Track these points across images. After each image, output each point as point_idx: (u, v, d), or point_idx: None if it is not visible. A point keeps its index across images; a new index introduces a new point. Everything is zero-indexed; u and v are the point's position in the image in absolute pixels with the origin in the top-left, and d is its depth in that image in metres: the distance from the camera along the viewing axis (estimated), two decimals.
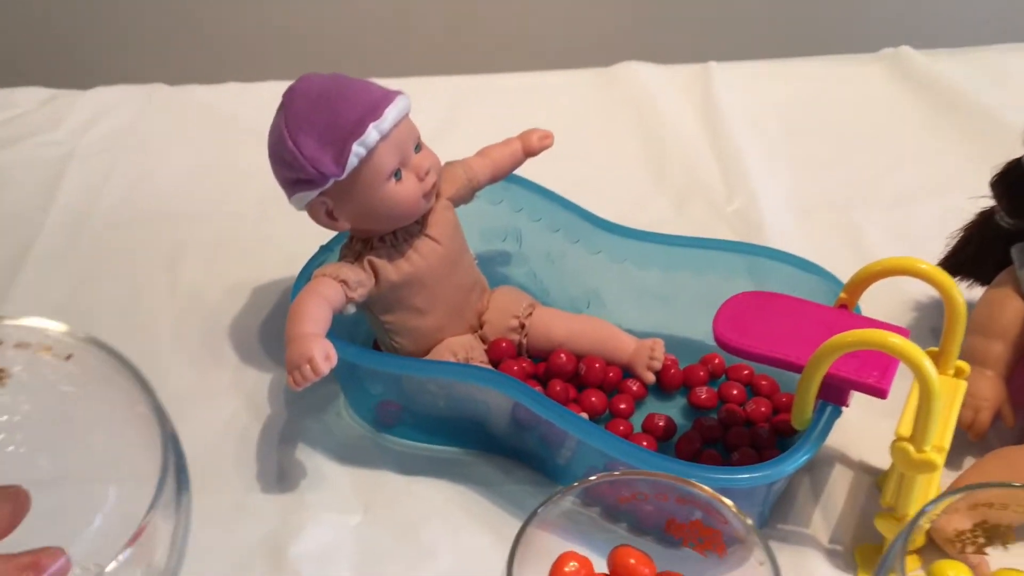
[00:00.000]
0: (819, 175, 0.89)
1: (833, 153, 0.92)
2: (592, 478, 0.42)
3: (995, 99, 0.96)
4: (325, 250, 0.67)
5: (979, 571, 0.42)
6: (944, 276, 0.54)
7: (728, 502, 0.42)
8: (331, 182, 0.59)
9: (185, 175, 0.93)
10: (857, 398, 0.61)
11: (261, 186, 0.84)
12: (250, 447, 0.65)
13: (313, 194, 0.60)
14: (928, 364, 0.48)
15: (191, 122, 1.00)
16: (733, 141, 0.93)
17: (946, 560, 0.42)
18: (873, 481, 0.61)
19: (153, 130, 0.99)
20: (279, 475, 0.63)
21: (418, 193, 0.61)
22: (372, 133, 0.58)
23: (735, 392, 0.66)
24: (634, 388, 0.67)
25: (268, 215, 0.85)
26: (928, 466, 0.50)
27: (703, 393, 0.66)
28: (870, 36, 1.10)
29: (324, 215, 0.62)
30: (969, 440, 0.61)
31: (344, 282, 0.60)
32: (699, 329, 0.68)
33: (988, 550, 0.42)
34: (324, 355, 0.56)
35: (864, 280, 0.56)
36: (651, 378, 0.67)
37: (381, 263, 0.62)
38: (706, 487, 0.42)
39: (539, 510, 0.41)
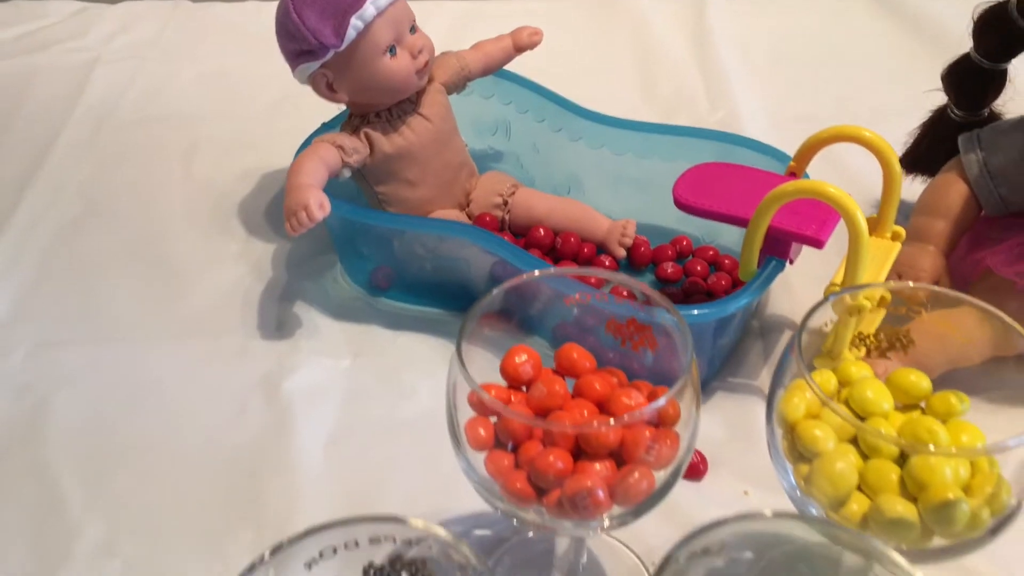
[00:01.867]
0: (799, 95, 0.94)
1: (814, 77, 0.97)
2: (520, 277, 0.46)
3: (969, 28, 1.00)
4: (327, 126, 0.73)
5: (880, 372, 0.47)
6: (883, 142, 0.59)
7: (654, 292, 0.46)
8: (331, 53, 0.65)
9: (203, 81, 0.99)
10: (811, 275, 0.66)
11: (274, 91, 0.91)
12: (252, 303, 0.72)
13: (315, 65, 0.66)
14: (858, 211, 0.53)
15: (211, 35, 1.06)
16: (721, 63, 0.98)
17: (851, 361, 0.47)
18: (820, 347, 0.66)
19: (176, 41, 1.06)
20: (278, 326, 0.70)
21: (411, 69, 0.67)
22: (369, 8, 0.64)
23: (699, 268, 0.71)
24: (606, 263, 0.72)
25: (279, 119, 0.91)
26: (856, 309, 0.55)
27: (669, 268, 0.71)
28: None
29: (325, 87, 0.67)
30: None
31: (341, 147, 0.66)
32: (670, 215, 0.73)
33: (891, 355, 0.47)
34: (319, 203, 0.62)
35: (812, 147, 0.61)
36: (622, 253, 0.72)
37: (376, 135, 0.68)
38: (637, 281, 0.47)
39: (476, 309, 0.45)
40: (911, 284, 0.45)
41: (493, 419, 0.44)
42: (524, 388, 0.47)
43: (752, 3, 1.09)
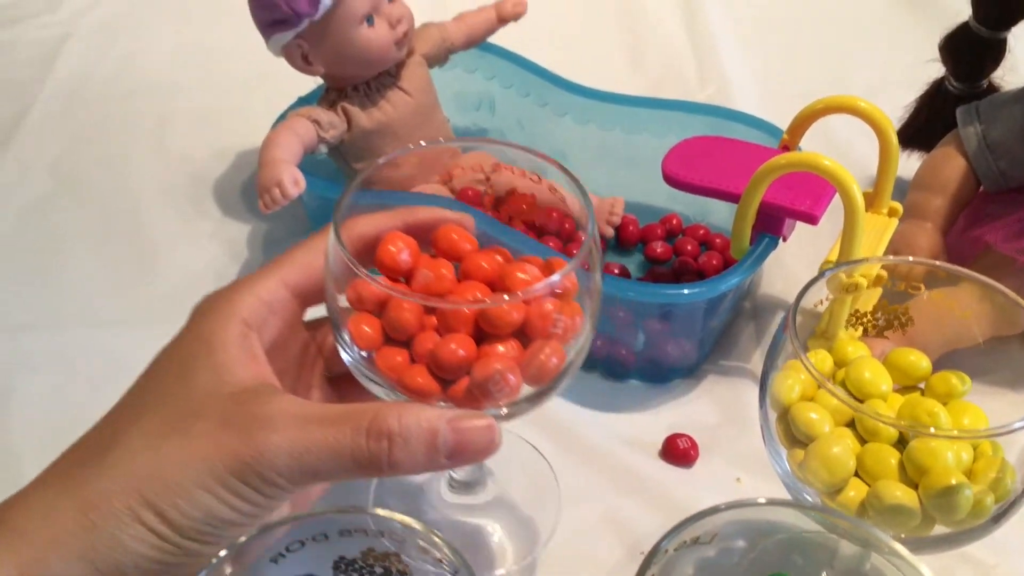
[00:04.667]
0: (792, 67, 0.92)
1: (808, 48, 0.95)
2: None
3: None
4: (303, 100, 0.70)
5: (876, 351, 0.45)
6: (879, 113, 0.57)
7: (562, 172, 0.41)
8: (305, 22, 0.62)
9: (177, 54, 0.96)
10: (804, 254, 0.64)
11: (250, 65, 0.87)
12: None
13: (289, 35, 0.63)
14: (854, 184, 0.51)
15: (184, 7, 1.03)
16: (711, 33, 0.96)
17: (847, 339, 0.45)
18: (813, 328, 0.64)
19: (148, 14, 1.02)
20: None
21: (389, 39, 0.64)
22: None
23: (689, 248, 0.69)
24: None
25: (254, 90, 0.88)
26: (852, 287, 0.53)
27: (659, 247, 0.69)
28: None
29: (300, 59, 0.65)
30: None
31: (317, 122, 0.64)
32: (659, 192, 0.70)
33: (888, 334, 0.45)
34: (292, 180, 0.59)
35: (805, 119, 0.59)
36: (610, 232, 0.70)
37: (354, 110, 0.65)
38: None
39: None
40: (909, 259, 0.43)
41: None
42: (403, 280, 0.41)
43: None
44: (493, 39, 0.74)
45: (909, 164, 0.71)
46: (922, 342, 0.51)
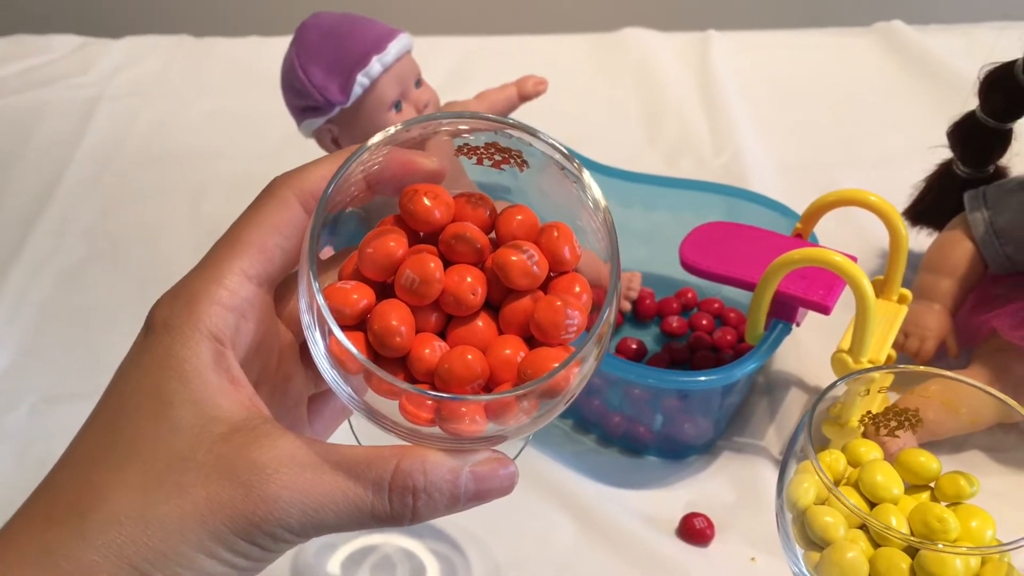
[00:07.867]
0: (805, 137, 0.94)
1: (820, 118, 0.97)
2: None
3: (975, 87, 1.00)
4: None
5: (888, 451, 0.47)
6: (889, 207, 0.59)
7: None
8: (337, 109, 0.65)
9: (207, 119, 0.99)
10: (817, 330, 0.66)
11: (280, 130, 0.90)
12: None
13: (320, 121, 0.66)
14: (865, 281, 0.53)
15: (214, 71, 1.06)
16: (725, 104, 0.98)
17: (860, 439, 0.47)
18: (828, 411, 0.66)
19: (178, 78, 1.06)
20: None
21: None
22: (375, 65, 0.64)
23: (704, 322, 0.71)
24: None
25: (286, 156, 0.91)
26: (863, 391, 0.55)
27: (675, 322, 0.71)
28: (867, 10, 1.14)
29: (330, 142, 0.67)
30: None
31: None
32: (676, 267, 0.73)
33: (899, 433, 0.47)
34: None
35: (817, 210, 0.61)
36: (627, 306, 0.72)
37: None
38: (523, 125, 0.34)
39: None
40: (919, 368, 0.45)
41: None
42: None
43: (757, 42, 1.09)
44: (513, 115, 0.76)
45: (919, 240, 0.73)
46: (935, 430, 0.54)
